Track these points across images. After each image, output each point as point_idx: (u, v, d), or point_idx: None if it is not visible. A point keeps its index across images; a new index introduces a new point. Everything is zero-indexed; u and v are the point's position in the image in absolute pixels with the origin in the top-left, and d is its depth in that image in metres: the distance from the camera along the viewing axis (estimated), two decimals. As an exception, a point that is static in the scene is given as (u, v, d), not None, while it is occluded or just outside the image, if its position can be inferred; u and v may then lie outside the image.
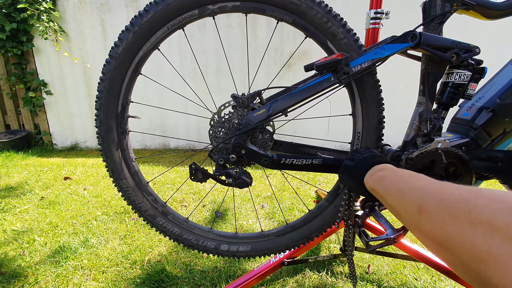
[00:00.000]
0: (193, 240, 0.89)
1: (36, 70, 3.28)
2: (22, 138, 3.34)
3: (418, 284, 1.18)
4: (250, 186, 0.79)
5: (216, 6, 0.74)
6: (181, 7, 0.72)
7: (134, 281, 1.21)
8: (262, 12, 0.75)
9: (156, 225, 0.88)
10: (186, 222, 0.91)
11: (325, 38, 0.75)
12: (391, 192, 0.46)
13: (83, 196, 2.04)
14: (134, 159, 0.87)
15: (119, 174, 0.83)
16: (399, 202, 0.43)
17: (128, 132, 0.85)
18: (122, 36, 0.74)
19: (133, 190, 0.85)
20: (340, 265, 1.31)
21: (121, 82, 0.77)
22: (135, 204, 0.86)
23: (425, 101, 0.78)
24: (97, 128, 0.80)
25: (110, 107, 0.78)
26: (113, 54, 0.75)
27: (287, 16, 0.75)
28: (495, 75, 0.86)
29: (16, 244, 1.46)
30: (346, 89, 0.81)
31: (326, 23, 0.73)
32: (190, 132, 3.37)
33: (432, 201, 0.34)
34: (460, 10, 0.75)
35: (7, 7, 2.95)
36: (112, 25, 3.11)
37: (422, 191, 0.38)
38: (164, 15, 0.73)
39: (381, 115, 0.79)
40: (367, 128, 0.80)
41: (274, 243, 0.91)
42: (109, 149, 0.81)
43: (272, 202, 1.95)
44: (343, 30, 0.74)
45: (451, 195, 0.32)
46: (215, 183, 0.80)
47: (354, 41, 0.74)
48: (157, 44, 0.77)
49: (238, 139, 0.73)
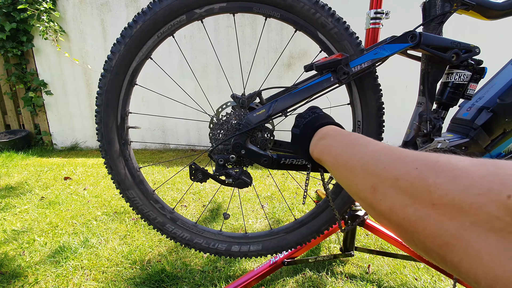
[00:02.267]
0: (204, 244, 0.90)
1: (36, 70, 3.28)
2: (22, 138, 3.34)
3: (418, 284, 1.18)
4: (250, 186, 0.79)
5: (203, 10, 0.74)
6: (169, 14, 0.73)
7: (134, 281, 1.21)
8: (249, 10, 0.75)
9: (166, 232, 0.89)
10: (195, 226, 0.91)
11: (315, 29, 0.75)
12: (339, 166, 0.41)
13: (83, 196, 2.04)
14: (139, 169, 0.88)
15: (125, 185, 0.85)
16: (349, 178, 0.37)
17: (130, 142, 0.86)
18: (114, 49, 0.75)
19: (140, 199, 0.86)
20: (340, 265, 1.31)
21: (118, 94, 0.78)
22: (143, 213, 0.87)
23: (425, 101, 0.78)
24: (99, 142, 0.81)
25: (110, 120, 0.79)
26: (107, 68, 0.76)
27: (274, 11, 0.75)
28: (495, 75, 0.86)
29: (16, 244, 1.46)
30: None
31: (314, 14, 0.73)
32: (190, 132, 3.37)
33: (386, 178, 0.30)
34: (460, 10, 0.75)
35: (7, 7, 2.95)
36: (112, 25, 3.11)
37: (374, 164, 0.33)
38: (153, 24, 0.73)
39: (379, 101, 0.79)
40: (366, 116, 0.80)
41: (285, 240, 0.91)
42: (113, 161, 0.82)
43: (272, 202, 1.95)
44: (332, 19, 0.73)
45: (406, 172, 0.28)
46: (215, 183, 0.80)
47: (345, 29, 0.74)
48: (149, 53, 0.78)
49: (238, 139, 0.73)
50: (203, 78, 3.16)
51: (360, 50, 0.75)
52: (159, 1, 0.72)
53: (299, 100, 0.73)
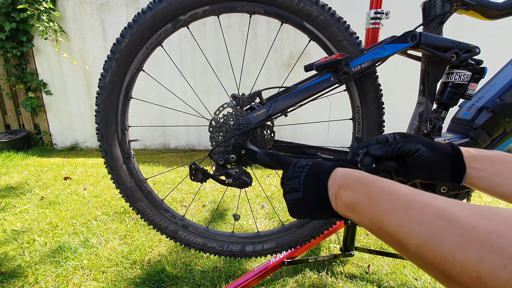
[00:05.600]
0: (218, 247, 0.90)
1: (36, 70, 3.28)
2: (22, 138, 3.34)
3: (418, 284, 1.18)
4: (250, 186, 0.79)
5: (187, 15, 0.74)
6: (154, 24, 0.73)
7: (134, 281, 1.21)
8: (233, 9, 0.75)
9: (179, 239, 0.90)
10: (207, 230, 0.92)
11: (301, 19, 0.75)
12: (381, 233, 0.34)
13: (83, 196, 2.04)
14: (145, 180, 0.89)
15: (133, 197, 0.85)
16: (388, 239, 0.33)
17: (133, 156, 0.86)
18: (106, 66, 0.76)
19: (150, 210, 0.87)
20: (340, 265, 1.31)
21: (116, 109, 0.79)
22: (155, 223, 0.88)
23: (425, 101, 0.78)
24: (103, 159, 0.82)
25: (111, 136, 0.81)
26: (102, 85, 0.76)
27: (257, 7, 0.75)
28: (495, 75, 0.86)
29: (16, 244, 1.46)
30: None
31: (298, 4, 0.72)
32: (190, 132, 3.37)
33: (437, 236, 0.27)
34: (460, 10, 0.75)
35: (7, 7, 2.95)
36: (112, 25, 3.11)
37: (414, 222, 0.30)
38: (141, 36, 0.74)
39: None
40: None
41: (298, 234, 0.91)
42: (119, 175, 0.83)
43: (272, 202, 1.95)
44: (316, 7, 0.73)
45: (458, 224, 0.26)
46: (215, 183, 0.80)
47: (331, 15, 0.73)
48: (140, 66, 0.78)
49: (238, 139, 0.73)
50: (203, 78, 3.16)
51: (360, 50, 0.75)
52: (143, 13, 0.73)
53: (299, 100, 0.73)
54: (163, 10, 0.72)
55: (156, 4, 0.72)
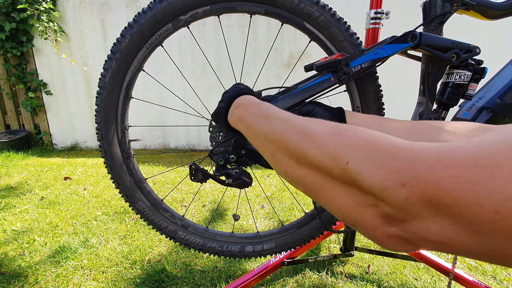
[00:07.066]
0: (217, 247, 0.90)
1: (36, 70, 3.28)
2: (22, 138, 3.34)
3: (418, 284, 1.18)
4: (250, 186, 0.78)
5: (188, 15, 0.74)
6: (154, 24, 0.73)
7: (134, 281, 1.21)
8: (233, 10, 0.75)
9: (179, 240, 0.89)
10: (206, 231, 0.92)
11: (301, 20, 0.75)
12: (250, 135, 0.48)
13: (83, 196, 2.04)
14: (145, 180, 0.88)
15: (133, 197, 0.85)
16: (258, 146, 0.45)
17: (133, 155, 0.86)
18: (106, 66, 0.75)
19: (150, 210, 0.87)
20: (340, 265, 1.31)
21: (116, 109, 0.79)
22: (154, 223, 0.88)
23: (425, 101, 0.78)
24: (103, 158, 0.82)
25: (111, 136, 0.80)
26: (102, 85, 0.76)
27: (258, 7, 0.74)
28: (495, 75, 0.86)
29: (16, 244, 1.46)
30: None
31: (298, 5, 0.72)
32: (190, 132, 3.37)
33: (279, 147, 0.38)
34: (460, 10, 0.75)
35: (7, 7, 2.95)
36: (112, 25, 3.11)
37: (272, 135, 0.40)
38: (141, 36, 0.74)
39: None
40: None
41: (298, 235, 0.90)
42: (119, 175, 0.83)
43: (272, 202, 1.95)
44: (317, 7, 0.73)
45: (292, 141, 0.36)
46: (215, 183, 0.80)
47: (331, 16, 0.73)
48: (140, 66, 0.78)
49: (238, 139, 0.73)
50: (203, 78, 3.16)
51: (360, 51, 0.75)
52: (144, 12, 0.73)
53: (299, 100, 0.73)
54: (163, 10, 0.72)
55: (156, 4, 0.72)
